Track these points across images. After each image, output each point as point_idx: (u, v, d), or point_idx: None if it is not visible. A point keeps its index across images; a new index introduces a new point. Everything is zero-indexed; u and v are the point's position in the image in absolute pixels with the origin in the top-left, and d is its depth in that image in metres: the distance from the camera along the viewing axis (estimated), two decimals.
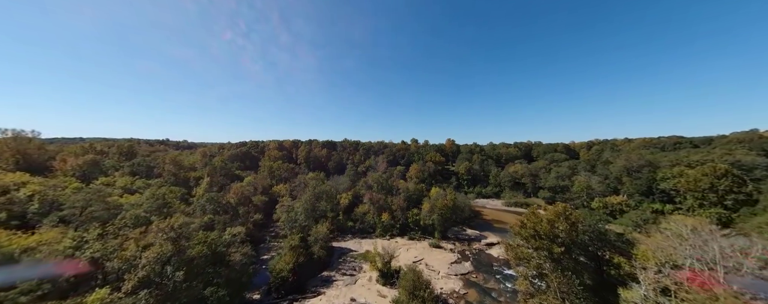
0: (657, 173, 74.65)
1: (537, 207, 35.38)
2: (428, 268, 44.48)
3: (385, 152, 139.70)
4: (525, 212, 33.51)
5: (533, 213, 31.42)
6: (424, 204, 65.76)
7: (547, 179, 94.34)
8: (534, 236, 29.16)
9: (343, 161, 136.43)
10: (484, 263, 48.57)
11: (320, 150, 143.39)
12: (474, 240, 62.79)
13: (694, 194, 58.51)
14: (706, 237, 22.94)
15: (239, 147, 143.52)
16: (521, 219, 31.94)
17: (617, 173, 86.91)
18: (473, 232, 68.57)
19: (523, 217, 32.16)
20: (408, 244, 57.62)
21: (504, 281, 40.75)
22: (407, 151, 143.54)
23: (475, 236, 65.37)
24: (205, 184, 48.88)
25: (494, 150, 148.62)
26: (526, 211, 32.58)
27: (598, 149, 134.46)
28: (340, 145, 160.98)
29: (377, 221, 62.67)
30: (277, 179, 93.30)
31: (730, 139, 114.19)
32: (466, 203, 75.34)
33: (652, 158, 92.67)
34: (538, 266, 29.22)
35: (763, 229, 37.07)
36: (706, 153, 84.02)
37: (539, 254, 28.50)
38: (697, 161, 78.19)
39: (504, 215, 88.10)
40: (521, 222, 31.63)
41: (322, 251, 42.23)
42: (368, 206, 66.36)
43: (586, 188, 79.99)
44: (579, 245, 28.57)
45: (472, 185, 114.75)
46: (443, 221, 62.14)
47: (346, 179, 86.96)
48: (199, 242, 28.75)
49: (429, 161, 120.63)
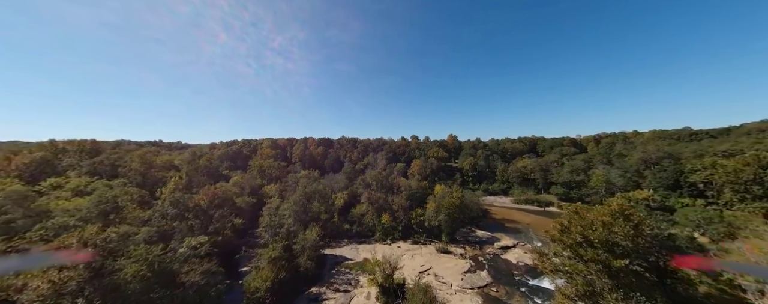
0: (684, 164, 67.76)
1: (570, 207, 28.16)
2: (438, 280, 37.33)
3: (384, 149, 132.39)
4: (562, 212, 26.31)
5: (577, 213, 24.27)
6: (429, 203, 58.62)
7: (560, 174, 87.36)
8: (582, 243, 22.01)
9: (340, 159, 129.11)
10: (502, 271, 41.46)
11: (316, 148, 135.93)
12: (486, 243, 55.71)
13: (733, 187, 51.63)
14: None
15: (230, 146, 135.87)
16: (561, 221, 24.79)
17: (636, 166, 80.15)
18: (484, 233, 61.51)
19: (563, 218, 25.02)
20: (412, 249, 50.47)
21: (532, 295, 33.65)
22: (407, 147, 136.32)
23: (487, 238, 58.30)
24: (172, 184, 41.73)
25: (499, 145, 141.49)
26: (565, 211, 25.45)
27: (608, 142, 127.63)
28: (337, 142, 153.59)
29: (377, 222, 55.48)
30: (268, 179, 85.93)
31: (749, 129, 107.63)
32: (474, 201, 68.24)
33: (672, 149, 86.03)
34: (589, 284, 22.11)
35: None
36: (733, 143, 77.30)
37: (590, 268, 21.36)
38: (725, 151, 71.49)
39: (514, 214, 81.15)
40: (561, 225, 24.47)
41: (310, 262, 35.00)
42: (366, 207, 59.16)
43: (605, 183, 73.00)
44: (638, 253, 21.45)
45: (478, 181, 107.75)
46: (451, 221, 55.05)
47: (343, 177, 79.66)
48: (138, 259, 21.41)
49: (431, 157, 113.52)
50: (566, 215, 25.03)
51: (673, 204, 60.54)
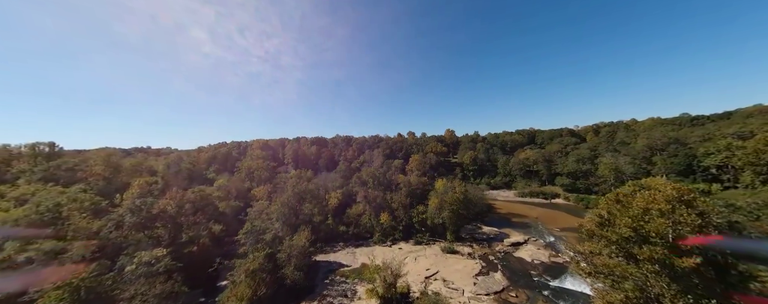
0: (696, 149, 64.49)
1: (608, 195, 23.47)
2: (447, 285, 32.60)
3: (380, 146, 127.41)
4: (601, 200, 21.76)
5: (619, 201, 19.68)
6: (431, 199, 53.94)
7: (564, 164, 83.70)
8: (632, 238, 17.47)
9: (334, 158, 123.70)
10: (518, 272, 36.96)
11: (309, 147, 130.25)
12: (494, 240, 51.29)
13: (755, 169, 48.17)
14: None
15: (219, 148, 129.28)
16: (599, 213, 20.24)
17: (643, 153, 76.91)
18: (491, 229, 57.11)
19: (600, 209, 20.45)
20: (415, 250, 45.70)
21: (556, 299, 29.15)
22: (404, 143, 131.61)
23: (495, 235, 53.88)
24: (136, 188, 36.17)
25: (498, 138, 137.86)
26: (605, 198, 20.92)
27: (609, 131, 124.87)
28: (331, 141, 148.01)
29: (375, 223, 50.57)
30: (257, 181, 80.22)
31: (750, 112, 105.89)
32: (478, 196, 63.88)
33: (678, 134, 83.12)
34: (641, 289, 17.61)
35: None
36: (741, 125, 74.43)
37: (645, 269, 16.83)
38: (735, 133, 68.51)
39: (520, 207, 77.17)
40: (600, 218, 19.91)
41: (298, 272, 29.90)
42: (363, 206, 54.19)
43: (614, 171, 69.37)
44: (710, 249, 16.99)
45: (479, 175, 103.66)
46: (455, 218, 50.46)
47: (337, 176, 74.48)
48: (62, 286, 16.09)
49: (429, 153, 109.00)
50: (604, 204, 20.46)
51: None
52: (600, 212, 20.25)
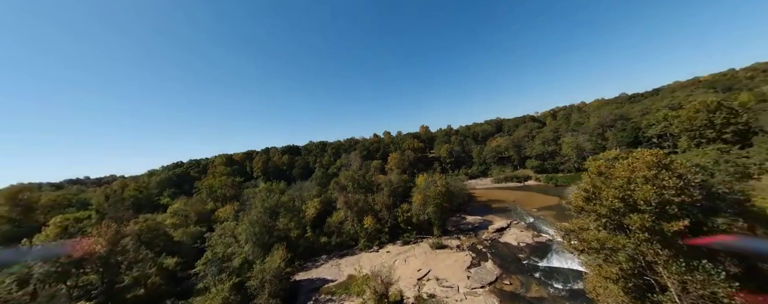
0: (640, 122, 72.22)
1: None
2: (441, 284, 30.80)
3: (357, 148, 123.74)
4: (584, 175, 21.37)
5: (600, 173, 19.35)
6: (414, 196, 52.36)
7: (532, 147, 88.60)
8: (621, 210, 17.04)
9: (309, 166, 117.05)
10: (507, 257, 36.67)
11: (280, 157, 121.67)
12: (480, 228, 51.32)
13: (689, 134, 54.81)
14: None
15: (173, 169, 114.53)
16: (584, 187, 19.72)
17: (597, 130, 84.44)
18: (474, 218, 57.34)
19: (585, 184, 19.98)
20: (403, 251, 43.48)
21: (548, 280, 28.94)
22: (381, 143, 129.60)
23: (479, 223, 54.06)
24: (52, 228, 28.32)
25: (470, 130, 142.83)
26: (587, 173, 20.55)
27: (564, 114, 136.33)
28: (304, 148, 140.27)
29: (358, 229, 47.34)
30: (222, 200, 71.71)
31: (673, 88, 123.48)
32: (459, 187, 64.01)
33: (622, 111, 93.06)
34: (633, 259, 17.27)
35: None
36: (670, 98, 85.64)
37: (637, 238, 16.45)
38: (667, 105, 78.24)
39: (498, 193, 79.59)
40: (586, 192, 19.40)
41: (273, 299, 25.64)
42: (344, 212, 50.57)
43: (576, 149, 74.81)
44: (698, 210, 17.08)
45: (457, 167, 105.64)
46: (440, 212, 49.43)
47: (313, 183, 69.50)
48: None
49: (407, 150, 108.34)
50: (588, 179, 20.05)
51: None
52: (585, 186, 19.76)
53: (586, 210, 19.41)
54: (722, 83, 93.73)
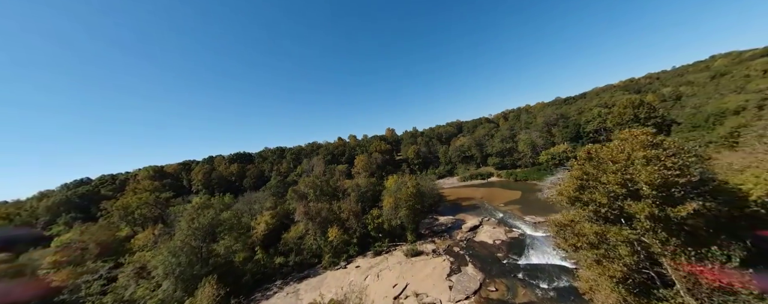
0: (579, 118, 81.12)
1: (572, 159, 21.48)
2: (422, 300, 26.33)
3: (320, 152, 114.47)
4: (571, 163, 19.34)
5: (590, 158, 17.43)
6: (384, 200, 47.74)
7: (492, 145, 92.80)
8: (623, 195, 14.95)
9: (265, 174, 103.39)
10: (486, 258, 34.34)
11: (227, 167, 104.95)
12: (454, 228, 49.13)
13: (620, 127, 62.61)
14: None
15: (75, 188, 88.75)
16: (575, 175, 17.53)
17: (544, 128, 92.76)
18: (447, 218, 55.31)
19: (574, 172, 17.83)
20: (375, 264, 38.14)
21: (533, 280, 26.92)
22: (346, 147, 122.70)
23: (452, 223, 52.05)
24: None
25: (434, 131, 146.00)
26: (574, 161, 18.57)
27: (514, 115, 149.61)
28: (258, 156, 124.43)
29: (322, 243, 40.42)
30: (142, 222, 56.19)
31: (597, 91, 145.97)
32: (429, 187, 61.76)
33: (561, 111, 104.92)
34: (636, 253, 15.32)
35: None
36: (598, 99, 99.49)
37: (642, 226, 14.47)
38: (597, 105, 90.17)
39: (465, 191, 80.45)
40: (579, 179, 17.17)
41: None
42: (305, 225, 43.02)
43: (531, 144, 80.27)
44: (702, 191, 15.71)
45: (424, 168, 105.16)
46: (413, 215, 45.74)
47: (267, 193, 59.42)
48: None
49: (375, 152, 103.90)
50: (577, 166, 17.96)
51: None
52: (576, 174, 17.57)
53: (581, 200, 17.15)
54: (630, 87, 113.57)
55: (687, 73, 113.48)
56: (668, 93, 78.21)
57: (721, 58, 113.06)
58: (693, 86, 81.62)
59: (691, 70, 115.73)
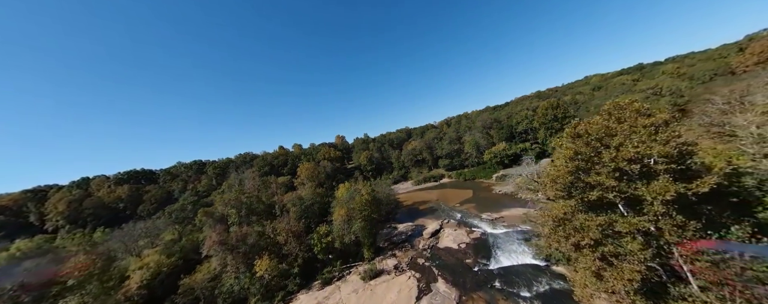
0: (509, 121, 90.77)
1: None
2: None
3: (255, 164, 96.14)
4: (555, 141, 16.23)
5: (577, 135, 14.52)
6: (335, 212, 39.45)
7: (442, 148, 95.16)
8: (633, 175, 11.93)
9: (173, 196, 79.29)
10: (456, 268, 30.00)
11: (112, 190, 76.42)
12: (414, 236, 44.31)
13: (545, 126, 71.47)
14: None
15: None
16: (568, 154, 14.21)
17: (484, 131, 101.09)
18: (406, 225, 50.38)
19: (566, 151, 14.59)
20: (323, 297, 29.25)
21: (510, 286, 23.35)
22: (289, 156, 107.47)
23: (412, 230, 47.33)
24: None
25: (385, 137, 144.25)
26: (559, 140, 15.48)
27: (456, 121, 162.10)
28: (165, 173, 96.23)
29: (247, 282, 29.06)
30: None
31: (519, 99, 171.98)
32: (386, 192, 56.32)
33: (494, 116, 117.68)
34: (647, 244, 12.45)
35: None
36: (521, 106, 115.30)
37: (653, 213, 11.54)
38: (522, 109, 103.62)
39: (420, 194, 78.40)
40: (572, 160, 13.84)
41: None
42: (220, 259, 30.61)
43: (475, 145, 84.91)
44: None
45: (378, 174, 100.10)
46: (370, 226, 38.83)
47: (167, 221, 42.62)
48: None
49: (323, 160, 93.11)
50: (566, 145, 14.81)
51: (515, 149, 77.47)
52: (567, 154, 14.29)
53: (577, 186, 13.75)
54: (541, 96, 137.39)
55: (575, 87, 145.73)
56: (569, 100, 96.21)
57: (595, 77, 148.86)
58: (583, 95, 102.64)
59: (577, 85, 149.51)
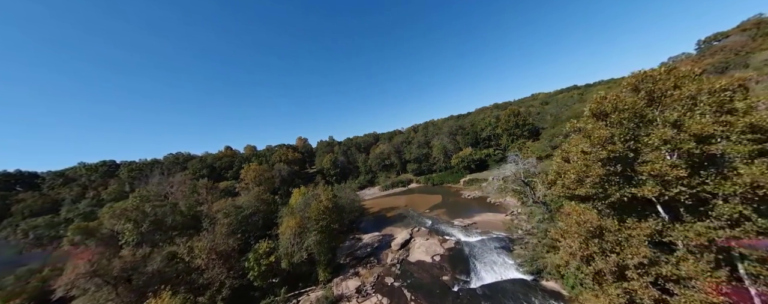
0: (474, 128, 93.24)
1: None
2: None
3: (190, 167, 79.23)
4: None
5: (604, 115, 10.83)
6: (283, 224, 31.22)
7: (410, 152, 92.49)
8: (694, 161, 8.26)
9: (57, 207, 58.87)
10: (432, 289, 24.82)
11: None
12: (381, 249, 38.46)
13: (508, 132, 74.02)
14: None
15: None
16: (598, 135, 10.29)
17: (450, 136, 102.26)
18: (372, 236, 44.30)
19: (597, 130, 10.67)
20: None
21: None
22: (236, 157, 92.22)
23: (379, 241, 41.45)
24: None
25: (352, 141, 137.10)
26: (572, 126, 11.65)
27: (423, 127, 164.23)
28: (55, 177, 72.55)
29: None
30: None
31: (481, 110, 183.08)
32: (350, 198, 49.76)
33: (458, 123, 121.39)
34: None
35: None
36: (483, 115, 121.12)
37: (731, 212, 7.89)
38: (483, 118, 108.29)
39: (388, 200, 73.27)
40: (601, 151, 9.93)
41: None
42: (91, 302, 19.86)
43: (443, 149, 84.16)
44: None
45: (343, 179, 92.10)
46: (329, 239, 31.74)
47: (17, 240, 28.66)
48: None
49: (279, 163, 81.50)
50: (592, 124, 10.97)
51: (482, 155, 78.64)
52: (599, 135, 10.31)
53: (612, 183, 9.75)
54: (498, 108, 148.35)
55: (525, 102, 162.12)
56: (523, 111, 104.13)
57: (541, 94, 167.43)
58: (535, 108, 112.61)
59: (527, 100, 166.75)
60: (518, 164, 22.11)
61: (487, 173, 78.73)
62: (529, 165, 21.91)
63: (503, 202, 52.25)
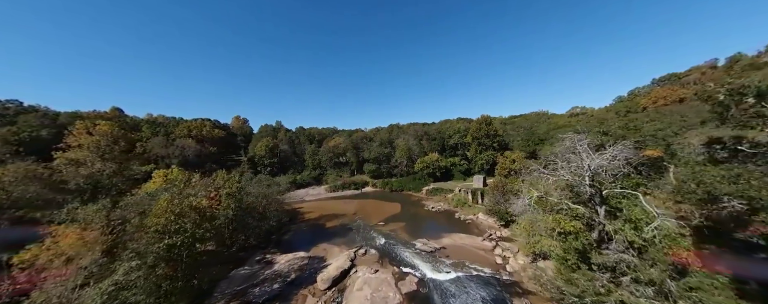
0: (444, 133, 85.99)
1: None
2: None
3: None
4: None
5: None
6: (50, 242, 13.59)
7: (371, 149, 79.38)
8: None
9: None
10: None
11: None
12: (300, 283, 23.81)
13: (476, 142, 67.63)
14: None
15: None
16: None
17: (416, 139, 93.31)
18: (292, 257, 29.08)
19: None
20: None
21: None
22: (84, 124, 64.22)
23: (301, 269, 26.48)
24: None
25: (305, 131, 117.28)
26: None
27: (388, 130, 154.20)
28: None
29: None
30: None
31: (457, 120, 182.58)
32: (272, 197, 33.62)
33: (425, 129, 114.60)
34: None
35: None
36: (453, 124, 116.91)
37: None
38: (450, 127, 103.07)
39: (334, 204, 57.92)
40: None
41: None
42: None
43: (408, 151, 73.64)
44: None
45: (282, 171, 73.10)
46: (186, 273, 15.29)
47: None
48: None
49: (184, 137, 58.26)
50: None
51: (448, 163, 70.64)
52: None
53: None
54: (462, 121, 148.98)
55: None
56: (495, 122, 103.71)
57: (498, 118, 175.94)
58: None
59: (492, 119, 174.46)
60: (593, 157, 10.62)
61: (453, 184, 71.23)
62: (627, 151, 10.73)
63: (475, 219, 42.85)
